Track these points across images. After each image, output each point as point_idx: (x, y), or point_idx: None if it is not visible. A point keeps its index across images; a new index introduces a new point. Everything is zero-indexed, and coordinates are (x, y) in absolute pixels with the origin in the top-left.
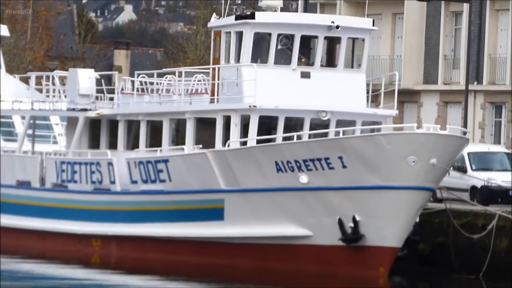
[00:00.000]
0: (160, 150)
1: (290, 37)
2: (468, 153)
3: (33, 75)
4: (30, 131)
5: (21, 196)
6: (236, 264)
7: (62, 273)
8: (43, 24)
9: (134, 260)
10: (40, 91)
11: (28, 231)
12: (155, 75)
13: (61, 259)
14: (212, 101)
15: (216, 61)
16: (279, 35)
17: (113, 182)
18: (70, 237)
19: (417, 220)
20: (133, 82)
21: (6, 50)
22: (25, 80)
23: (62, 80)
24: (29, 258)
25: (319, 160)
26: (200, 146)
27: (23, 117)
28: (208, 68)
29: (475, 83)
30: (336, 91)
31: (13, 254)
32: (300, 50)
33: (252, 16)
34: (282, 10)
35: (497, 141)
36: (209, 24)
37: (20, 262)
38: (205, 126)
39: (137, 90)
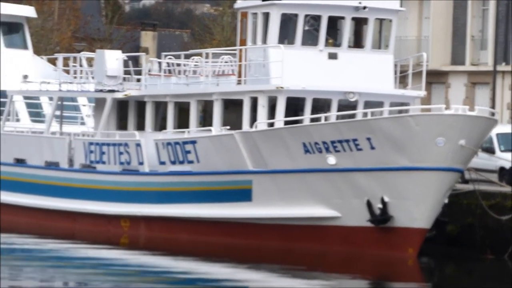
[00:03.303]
0: (188, 132)
1: (317, 18)
2: (497, 134)
3: (60, 57)
4: (58, 112)
5: (49, 177)
6: (264, 245)
7: (92, 253)
8: (70, 5)
9: (163, 240)
10: (68, 72)
11: (57, 212)
12: (182, 57)
13: (90, 240)
14: (239, 82)
15: (243, 42)
16: (306, 16)
17: (141, 163)
18: (99, 218)
19: (446, 201)
20: (160, 63)
21: (34, 32)
22: (53, 62)
23: (89, 61)
24: (59, 239)
25: (347, 141)
26: (228, 127)
27: (50, 98)
28: (235, 50)
29: (503, 63)
30: (363, 72)
31: (43, 235)
32: (327, 31)
33: None
34: None
35: None
36: (236, 5)
37: (50, 243)
38: (232, 108)
39: (164, 72)
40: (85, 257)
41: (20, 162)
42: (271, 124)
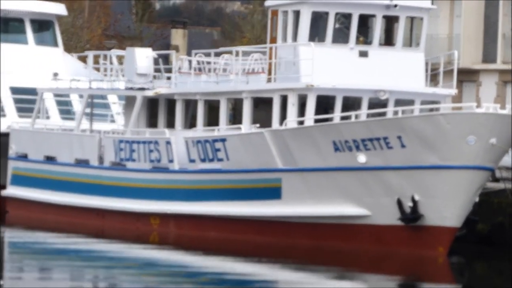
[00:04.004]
0: (218, 129)
1: (348, 16)
2: None
3: (90, 54)
4: (88, 110)
5: (79, 174)
6: (293, 243)
7: (122, 251)
8: (100, 3)
9: (192, 238)
10: (98, 70)
11: (87, 209)
12: (212, 55)
13: (119, 238)
14: (269, 80)
15: (273, 40)
16: (336, 14)
17: (171, 161)
18: (128, 215)
19: (477, 200)
20: (190, 61)
21: (64, 29)
22: (83, 59)
23: (120, 59)
24: (89, 236)
25: (378, 139)
26: (257, 125)
27: (81, 96)
28: (265, 47)
29: None
30: (394, 70)
31: (72, 232)
32: (358, 29)
33: None
34: None
35: None
36: (266, 3)
37: (80, 241)
38: (262, 106)
39: (194, 70)
40: (114, 255)
41: (50, 159)
42: (301, 122)
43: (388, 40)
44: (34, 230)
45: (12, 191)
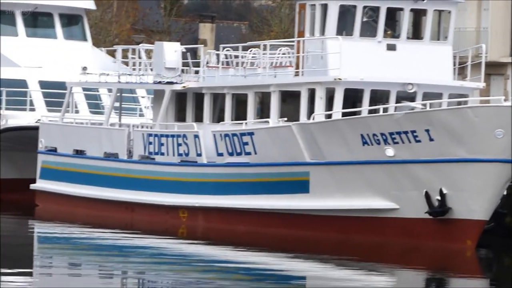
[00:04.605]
0: (245, 123)
1: (376, 10)
2: None
3: (119, 49)
4: (117, 104)
5: (108, 168)
6: (321, 236)
7: (150, 244)
8: None
9: (220, 231)
10: (127, 64)
11: (116, 203)
12: (240, 49)
13: (148, 231)
14: (296, 74)
15: (301, 34)
16: (364, 7)
17: (199, 155)
18: (157, 209)
19: (505, 193)
20: (218, 55)
21: (93, 24)
22: (112, 53)
23: (148, 53)
24: (118, 230)
25: (406, 133)
26: (285, 119)
27: (109, 90)
28: (293, 41)
29: None
30: (422, 63)
31: (102, 226)
32: (386, 22)
33: None
34: None
35: None
36: None
37: (108, 234)
38: (289, 99)
39: (222, 64)
40: (143, 248)
41: (79, 153)
42: (329, 116)
43: (416, 33)
44: (64, 223)
45: (41, 184)
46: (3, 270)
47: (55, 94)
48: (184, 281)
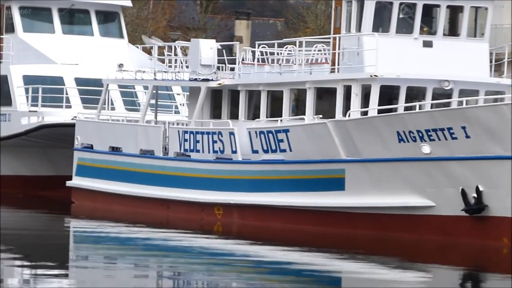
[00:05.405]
0: (281, 120)
1: (412, 6)
2: None
3: (155, 46)
4: (152, 101)
5: (144, 165)
6: (357, 234)
7: (186, 241)
8: None
9: (255, 228)
10: (162, 61)
11: (151, 200)
12: (275, 45)
13: (184, 228)
14: (332, 70)
15: (337, 30)
16: (401, 4)
17: (234, 152)
18: (193, 206)
19: None
20: (253, 52)
21: (129, 20)
22: (148, 51)
23: (184, 50)
24: (153, 226)
25: (442, 130)
26: (320, 116)
27: (145, 87)
28: (329, 38)
29: None
30: (459, 60)
31: (137, 223)
32: (422, 19)
33: None
34: None
35: None
36: None
37: (144, 231)
38: (325, 96)
39: (258, 60)
40: (179, 245)
41: (115, 150)
42: (365, 113)
43: (452, 30)
44: (99, 220)
45: (77, 181)
46: (40, 264)
47: (91, 91)
48: (220, 279)
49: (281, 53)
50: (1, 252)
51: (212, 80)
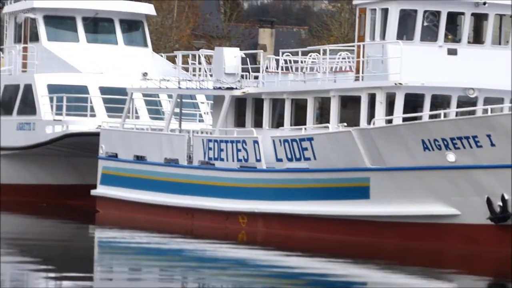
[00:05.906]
0: (305, 128)
1: (437, 14)
2: None
3: (179, 54)
4: (177, 110)
5: (169, 173)
6: (382, 243)
7: (210, 250)
8: (189, 3)
9: (280, 237)
10: (187, 70)
11: (176, 208)
12: (299, 54)
13: (208, 236)
14: (356, 78)
15: (361, 38)
16: (425, 11)
17: (258, 160)
18: (217, 214)
19: None
20: (277, 60)
21: (153, 29)
22: (172, 59)
23: (208, 59)
24: (178, 235)
25: (467, 138)
26: (345, 124)
27: (170, 96)
28: (353, 46)
29: None
30: (483, 68)
31: (162, 231)
32: (447, 26)
33: None
34: None
35: None
36: (354, 2)
37: (169, 240)
38: (349, 104)
39: (282, 69)
40: (203, 254)
41: (140, 159)
42: (389, 121)
43: (477, 38)
44: (124, 229)
45: (102, 190)
46: (64, 275)
47: (115, 100)
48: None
49: (305, 61)
50: (26, 262)
51: (236, 88)
